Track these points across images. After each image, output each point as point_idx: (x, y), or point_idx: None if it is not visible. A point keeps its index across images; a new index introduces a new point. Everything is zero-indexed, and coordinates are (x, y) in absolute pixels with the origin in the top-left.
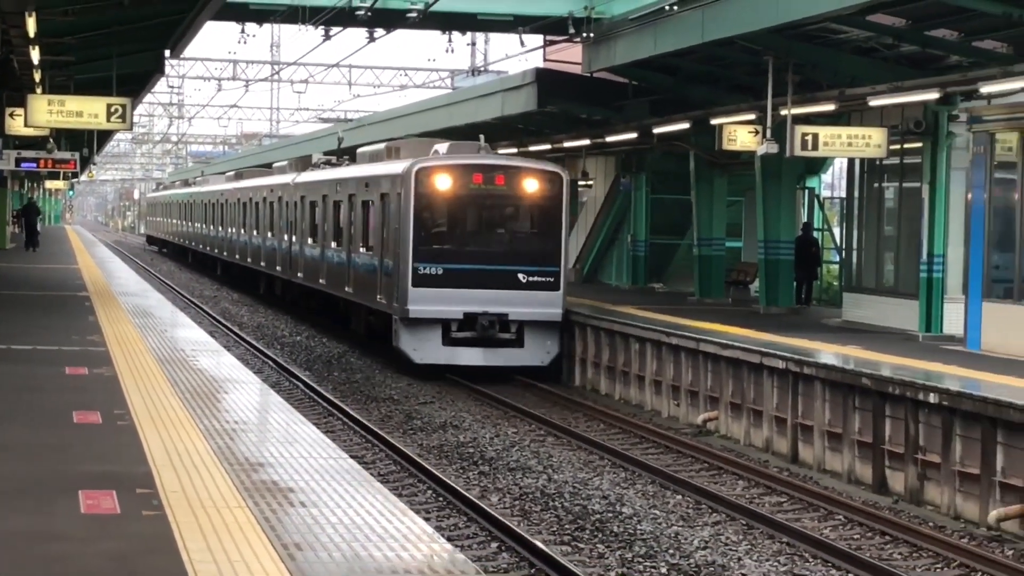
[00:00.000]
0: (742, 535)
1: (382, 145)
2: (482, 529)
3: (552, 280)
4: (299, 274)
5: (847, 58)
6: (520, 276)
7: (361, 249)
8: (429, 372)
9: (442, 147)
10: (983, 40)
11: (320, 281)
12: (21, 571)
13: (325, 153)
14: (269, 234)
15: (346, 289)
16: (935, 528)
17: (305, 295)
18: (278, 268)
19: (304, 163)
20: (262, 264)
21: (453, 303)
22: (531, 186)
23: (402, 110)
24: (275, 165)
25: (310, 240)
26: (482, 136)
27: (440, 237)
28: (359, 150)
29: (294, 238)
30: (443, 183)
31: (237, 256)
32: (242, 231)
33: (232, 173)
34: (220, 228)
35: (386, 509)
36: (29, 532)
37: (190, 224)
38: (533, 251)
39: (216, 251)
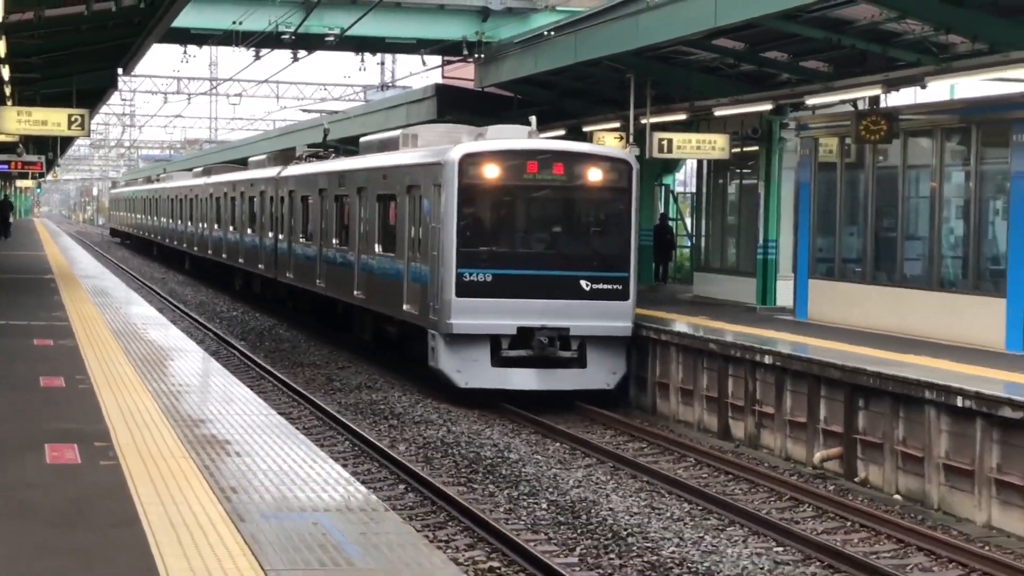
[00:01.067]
0: (610, 475)
1: (396, 132)
2: (391, 473)
3: (620, 288)
4: (288, 274)
5: (696, 76)
6: (583, 283)
7: (377, 250)
8: (475, 399)
9: (488, 130)
10: (808, 60)
11: (317, 283)
12: None
13: (310, 145)
14: (249, 230)
15: (354, 294)
16: (770, 468)
17: (293, 295)
18: (260, 266)
19: (286, 157)
20: (240, 261)
21: (505, 316)
22: (596, 176)
23: (320, 119)
24: (251, 159)
25: (302, 238)
26: (533, 118)
27: (489, 237)
28: (362, 140)
29: (280, 235)
30: (492, 172)
31: (210, 252)
32: (216, 227)
33: (200, 168)
34: (191, 224)
35: (309, 457)
36: (2, 481)
37: (158, 219)
38: (598, 253)
39: (187, 246)
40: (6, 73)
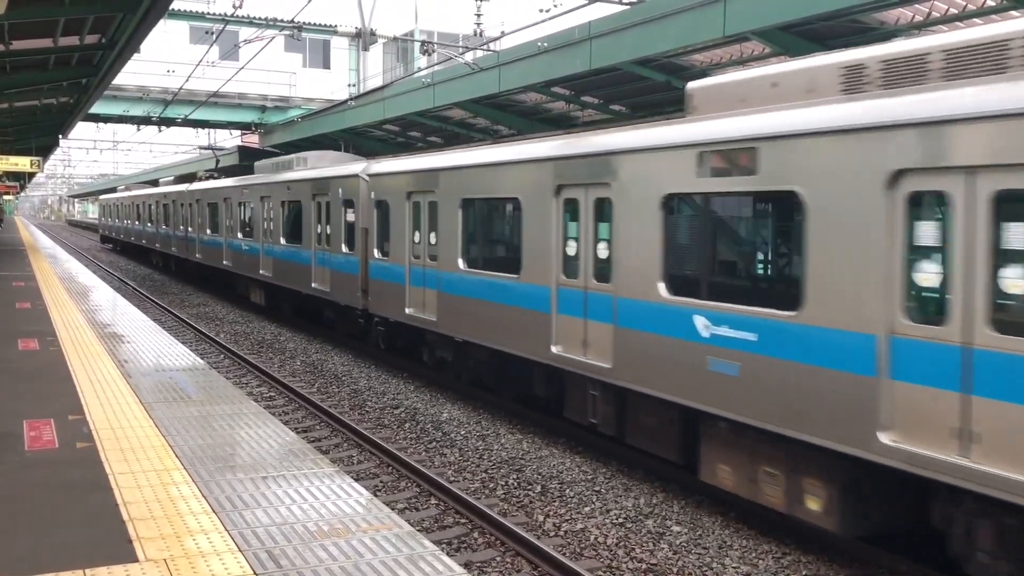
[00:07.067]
0: (333, 347)
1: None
2: (216, 348)
3: None
4: (172, 248)
5: (375, 143)
6: None
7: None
8: (252, 306)
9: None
10: (432, 137)
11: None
12: None
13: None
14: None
15: (172, 248)
16: None
17: (175, 259)
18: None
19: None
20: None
21: None
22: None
23: (180, 161)
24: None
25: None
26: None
27: None
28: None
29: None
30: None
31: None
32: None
33: (119, 189)
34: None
35: (169, 343)
36: None
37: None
38: None
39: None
40: None
